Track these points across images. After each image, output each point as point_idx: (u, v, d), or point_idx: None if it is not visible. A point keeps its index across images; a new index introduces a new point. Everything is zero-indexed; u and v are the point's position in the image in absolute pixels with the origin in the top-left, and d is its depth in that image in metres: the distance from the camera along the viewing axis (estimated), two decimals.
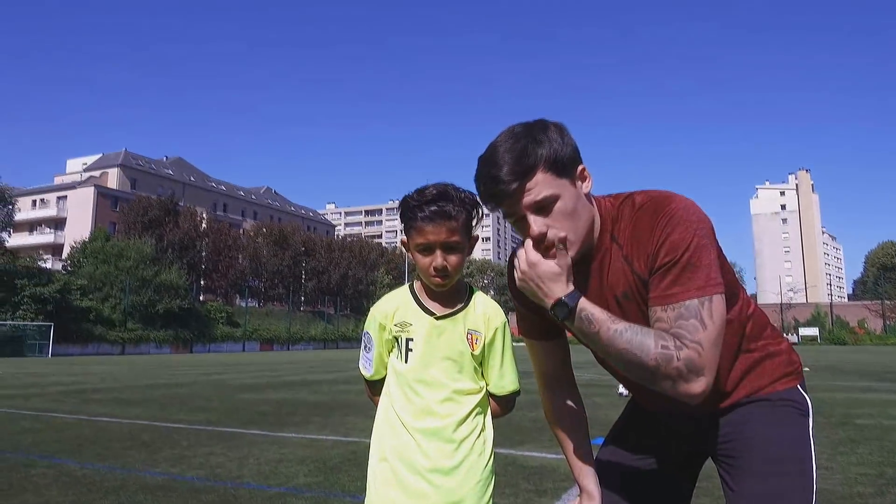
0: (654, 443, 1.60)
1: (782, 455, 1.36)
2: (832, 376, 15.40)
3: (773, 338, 1.51)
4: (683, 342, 1.24)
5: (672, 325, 1.26)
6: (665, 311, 1.27)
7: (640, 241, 1.35)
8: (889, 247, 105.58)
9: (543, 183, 1.31)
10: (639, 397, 1.63)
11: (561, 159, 1.32)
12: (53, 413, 8.35)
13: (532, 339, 1.60)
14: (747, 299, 1.51)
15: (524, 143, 1.31)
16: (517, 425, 6.66)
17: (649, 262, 1.32)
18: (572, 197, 1.34)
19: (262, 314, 65.60)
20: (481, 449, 1.50)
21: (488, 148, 1.36)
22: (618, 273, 1.39)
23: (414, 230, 1.46)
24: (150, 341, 49.35)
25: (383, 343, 1.58)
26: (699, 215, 1.33)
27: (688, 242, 1.28)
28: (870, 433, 6.31)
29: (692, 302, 1.25)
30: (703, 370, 1.23)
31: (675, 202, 1.34)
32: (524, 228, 1.36)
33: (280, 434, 6.47)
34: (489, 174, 1.32)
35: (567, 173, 1.34)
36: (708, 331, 1.24)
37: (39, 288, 41.77)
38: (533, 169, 1.30)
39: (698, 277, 1.27)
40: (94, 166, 78.92)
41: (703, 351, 1.23)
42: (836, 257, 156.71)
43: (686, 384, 1.23)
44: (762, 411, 1.42)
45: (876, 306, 71.74)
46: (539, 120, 1.38)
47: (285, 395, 10.95)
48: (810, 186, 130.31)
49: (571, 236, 1.35)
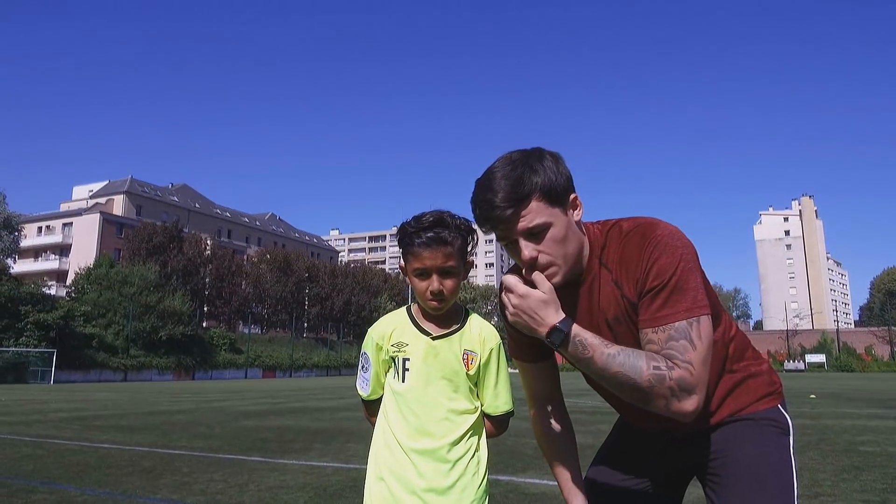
0: (641, 462, 1.63)
1: (765, 473, 1.40)
2: (838, 403, 15.26)
3: (754, 359, 1.57)
4: (675, 362, 1.28)
5: (663, 347, 1.31)
6: (656, 332, 1.33)
7: (628, 266, 1.40)
8: (895, 272, 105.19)
9: (537, 210, 1.36)
10: (628, 416, 1.66)
11: (555, 188, 1.38)
12: (54, 439, 8.33)
13: (524, 362, 1.65)
14: (730, 322, 1.56)
15: (521, 170, 1.37)
16: (519, 452, 6.62)
17: (638, 286, 1.37)
18: (563, 225, 1.40)
19: (265, 341, 65.42)
20: (475, 469, 1.53)
21: (485, 173, 1.41)
22: (608, 297, 1.44)
23: (411, 255, 1.52)
24: (153, 368, 49.18)
25: (380, 363, 1.62)
26: (684, 241, 1.38)
27: (675, 267, 1.33)
28: (874, 460, 6.26)
29: (681, 323, 1.31)
30: (694, 388, 1.28)
31: (660, 229, 1.39)
32: (516, 252, 1.42)
33: (281, 461, 6.44)
34: (485, 199, 1.38)
35: (559, 202, 1.39)
36: (697, 350, 1.29)
37: (43, 314, 41.79)
38: (528, 197, 1.36)
39: (686, 300, 1.32)
40: (100, 193, 79.59)
41: (694, 370, 1.28)
42: (842, 283, 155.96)
43: (679, 402, 1.28)
44: (745, 431, 1.46)
45: (883, 332, 71.16)
46: (536, 148, 1.44)
47: (287, 422, 10.90)
48: (814, 212, 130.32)
49: (560, 262, 1.40)
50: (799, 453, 6.99)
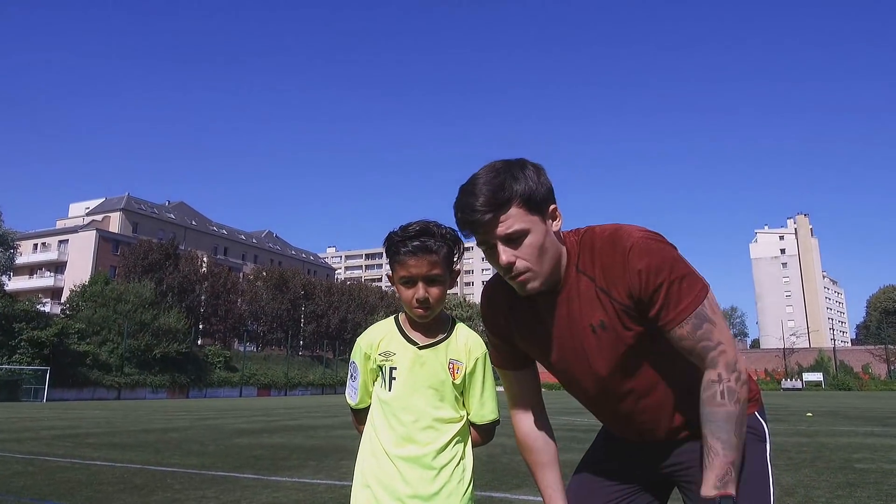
0: (623, 471, 1.65)
1: (742, 479, 1.42)
2: (835, 421, 15.22)
3: None
4: (712, 357, 1.39)
5: (695, 338, 1.40)
6: (682, 327, 1.40)
7: (613, 273, 1.43)
8: (890, 291, 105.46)
9: (516, 217, 1.40)
10: (610, 425, 1.68)
11: (534, 197, 1.42)
12: (46, 456, 8.26)
13: (506, 369, 1.68)
14: None
15: (503, 178, 1.41)
16: (514, 470, 6.58)
17: (635, 293, 1.41)
18: (541, 233, 1.43)
19: (260, 359, 65.03)
20: (460, 476, 1.55)
21: (469, 179, 1.46)
22: (592, 303, 1.47)
23: (398, 264, 1.54)
24: (147, 386, 48.81)
25: (368, 372, 1.64)
26: (658, 239, 1.45)
27: (663, 262, 1.39)
28: (869, 477, 6.25)
29: (698, 309, 1.39)
30: (735, 360, 1.40)
31: (635, 232, 1.45)
32: (494, 257, 1.45)
33: (274, 478, 6.40)
34: (466, 203, 1.42)
35: (539, 211, 1.43)
36: (718, 325, 1.40)
37: (37, 332, 41.52)
38: (507, 203, 1.40)
39: (689, 286, 1.40)
40: (96, 210, 79.59)
41: (725, 345, 1.40)
42: (838, 301, 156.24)
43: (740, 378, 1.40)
44: None
45: (880, 351, 71.13)
46: (520, 159, 1.48)
47: (280, 440, 10.83)
48: (809, 231, 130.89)
49: (537, 268, 1.44)
50: (794, 470, 6.99)
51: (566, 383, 1.64)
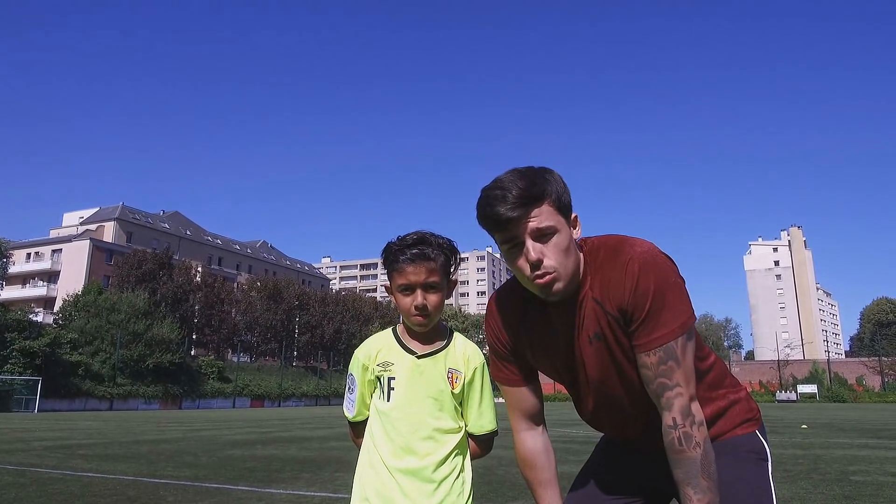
0: (621, 483, 1.65)
1: (745, 499, 1.42)
2: (830, 433, 15.22)
3: (732, 386, 1.61)
4: (667, 397, 1.38)
5: (655, 372, 1.38)
6: (648, 356, 1.39)
7: (608, 285, 1.43)
8: (884, 303, 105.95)
9: (548, 213, 1.39)
10: (614, 434, 1.68)
11: (563, 200, 1.42)
12: (37, 468, 8.17)
13: (507, 386, 1.66)
14: (709, 352, 1.60)
15: (535, 175, 1.41)
16: (510, 482, 6.54)
17: (622, 308, 1.41)
18: (567, 236, 1.43)
19: (254, 369, 64.64)
20: (460, 489, 1.54)
21: (494, 179, 1.43)
22: (591, 315, 1.47)
23: (396, 272, 1.55)
24: (139, 397, 48.42)
25: (366, 384, 1.63)
26: (659, 258, 1.42)
27: (655, 286, 1.38)
28: (865, 489, 6.24)
29: (668, 345, 1.37)
30: (689, 406, 1.37)
31: (636, 248, 1.43)
32: (517, 255, 1.42)
33: (268, 490, 6.35)
34: (496, 196, 1.38)
35: (566, 214, 1.43)
36: (683, 365, 1.38)
37: (29, 342, 41.21)
38: (541, 198, 1.39)
39: (668, 318, 1.38)
40: (90, 220, 79.26)
41: (684, 388, 1.37)
42: (832, 313, 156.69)
43: (695, 426, 1.37)
44: (725, 459, 1.47)
45: (874, 363, 71.27)
46: (543, 166, 1.47)
47: (274, 452, 10.75)
48: (803, 243, 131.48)
49: (562, 270, 1.42)
50: (791, 483, 6.97)
51: (573, 394, 1.64)
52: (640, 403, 1.50)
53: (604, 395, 1.55)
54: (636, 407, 1.52)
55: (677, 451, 1.35)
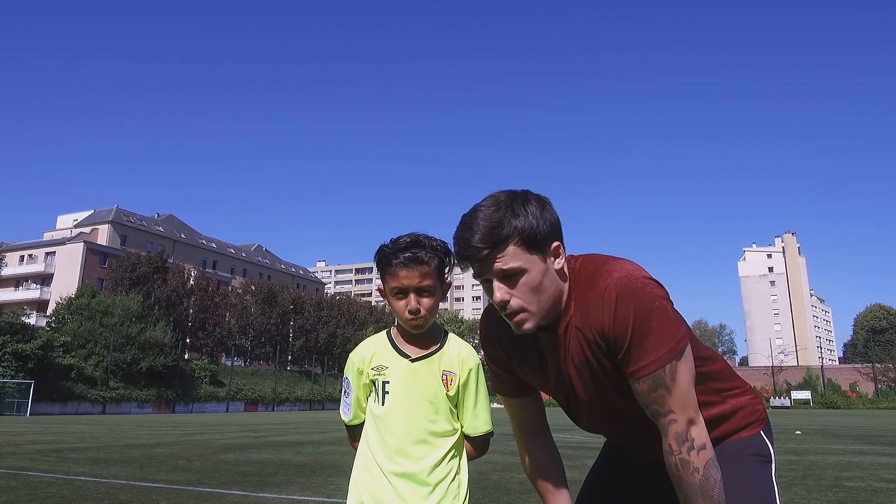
0: (628, 488, 1.64)
1: (748, 500, 1.42)
2: (824, 439, 15.26)
3: (738, 387, 1.61)
4: (662, 423, 1.37)
5: (648, 399, 1.37)
6: (638, 384, 1.38)
7: (588, 313, 1.42)
8: (877, 309, 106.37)
9: (513, 255, 1.37)
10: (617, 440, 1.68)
11: (534, 235, 1.39)
12: (29, 472, 8.11)
13: (508, 397, 1.66)
14: (713, 354, 1.59)
15: (502, 213, 1.38)
16: (504, 487, 6.54)
17: (606, 336, 1.39)
18: (539, 272, 1.40)
19: (248, 373, 64.41)
20: (455, 492, 1.54)
21: (470, 210, 1.43)
22: (574, 342, 1.46)
23: (389, 275, 1.54)
24: (132, 401, 48.16)
25: (361, 388, 1.63)
26: (641, 282, 1.38)
27: (635, 312, 1.35)
28: (858, 495, 6.26)
29: (656, 373, 1.35)
30: (685, 432, 1.35)
31: (613, 274, 1.40)
32: (490, 291, 1.44)
33: (261, 494, 6.32)
34: (463, 237, 1.40)
35: (538, 249, 1.40)
36: (674, 392, 1.35)
37: (21, 344, 40.94)
38: (505, 241, 1.37)
39: (651, 346, 1.35)
40: (84, 222, 78.99)
41: (677, 414, 1.35)
42: (826, 320, 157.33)
43: (694, 451, 1.36)
44: (730, 462, 1.47)
45: (867, 369, 71.51)
46: (524, 191, 1.44)
47: (268, 456, 10.71)
48: (797, 249, 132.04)
49: (533, 308, 1.41)
50: (785, 489, 6.98)
51: (567, 411, 1.64)
52: (635, 418, 1.49)
53: (597, 412, 1.55)
54: (631, 422, 1.52)
55: (677, 476, 1.36)
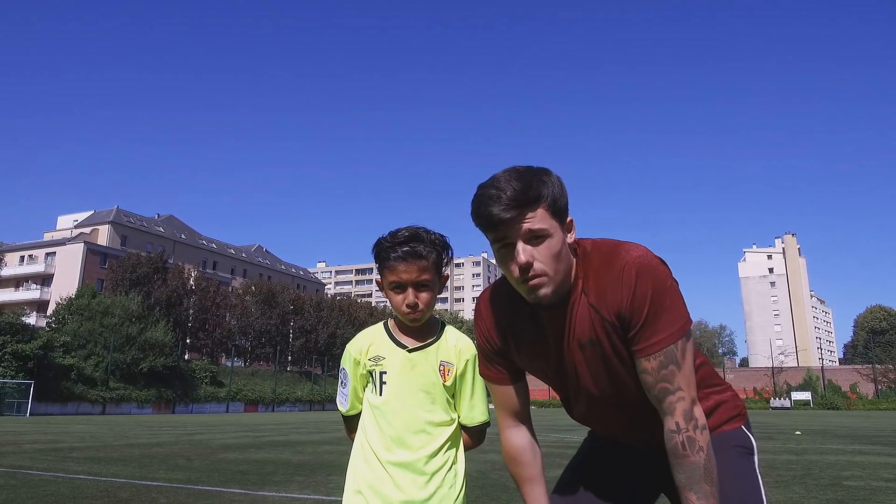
0: (608, 480, 1.66)
1: (734, 490, 1.44)
2: (824, 439, 15.25)
3: (719, 385, 1.64)
4: (669, 402, 1.38)
5: (657, 377, 1.39)
6: (648, 361, 1.40)
7: (605, 292, 1.43)
8: (877, 310, 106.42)
9: (542, 216, 1.38)
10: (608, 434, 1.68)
11: (559, 203, 1.41)
12: (28, 470, 8.12)
13: (495, 383, 1.66)
14: (696, 350, 1.60)
15: (531, 178, 1.38)
16: (503, 485, 6.54)
17: (620, 314, 1.41)
18: (560, 240, 1.41)
19: (248, 374, 64.40)
20: (452, 481, 1.55)
21: (492, 177, 1.41)
22: (584, 321, 1.46)
23: (387, 269, 1.55)
24: (132, 401, 48.12)
25: (358, 378, 1.64)
26: (654, 262, 1.41)
27: (652, 292, 1.38)
28: (857, 494, 6.26)
29: (668, 348, 1.38)
30: (692, 409, 1.38)
31: (631, 253, 1.42)
32: (507, 257, 1.41)
33: (260, 493, 6.33)
34: (491, 196, 1.36)
35: (560, 218, 1.42)
36: (683, 370, 1.38)
37: (21, 345, 40.95)
38: (536, 201, 1.37)
39: (666, 323, 1.38)
40: (84, 223, 79.03)
41: (685, 391, 1.38)
42: (826, 321, 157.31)
43: (699, 430, 1.37)
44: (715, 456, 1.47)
45: (867, 370, 71.48)
46: (543, 167, 1.46)
47: (267, 455, 10.71)
48: (797, 250, 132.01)
49: (552, 274, 1.41)
50: (784, 488, 6.99)
51: (562, 396, 1.65)
52: (632, 407, 1.51)
53: (595, 398, 1.55)
54: (628, 410, 1.53)
55: (680, 456, 1.35)
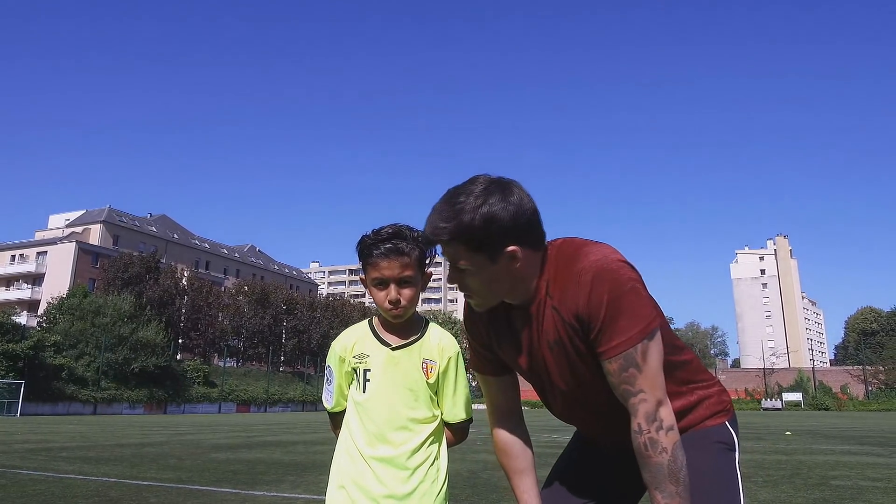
0: (595, 476, 1.68)
1: (712, 485, 1.46)
2: (813, 440, 15.35)
3: (705, 381, 1.65)
4: (632, 402, 1.39)
5: (620, 379, 1.40)
6: (610, 363, 1.41)
7: (565, 294, 1.45)
8: (868, 312, 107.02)
9: (454, 253, 1.45)
10: (585, 433, 1.71)
11: (476, 238, 1.40)
12: (18, 469, 8.09)
13: (485, 375, 1.69)
14: (684, 346, 1.63)
15: (451, 212, 1.41)
16: (494, 485, 6.56)
17: (579, 316, 1.42)
18: (487, 273, 1.45)
19: (240, 374, 64.19)
20: (434, 476, 1.57)
21: (444, 195, 1.46)
22: (549, 321, 1.49)
23: (370, 266, 1.57)
24: (124, 401, 47.89)
25: (343, 375, 1.66)
26: (616, 264, 1.42)
27: (609, 291, 1.38)
28: (844, 493, 6.32)
29: (627, 352, 1.38)
30: (656, 411, 1.38)
31: (590, 256, 1.43)
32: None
33: (252, 492, 6.33)
34: (428, 219, 1.47)
35: (486, 251, 1.42)
36: (645, 371, 1.38)
37: (12, 344, 40.69)
38: (444, 243, 1.44)
39: (628, 325, 1.39)
40: (76, 222, 78.58)
41: (647, 394, 1.38)
42: (817, 322, 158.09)
43: (663, 431, 1.38)
44: (694, 449, 1.50)
45: (858, 372, 71.97)
46: (500, 184, 1.43)
47: (259, 455, 10.70)
48: (789, 252, 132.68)
49: (483, 296, 1.50)
50: (772, 486, 7.04)
51: (539, 394, 1.67)
52: (604, 404, 1.52)
53: (569, 396, 1.58)
54: (597, 410, 1.56)
55: (644, 456, 1.38)
